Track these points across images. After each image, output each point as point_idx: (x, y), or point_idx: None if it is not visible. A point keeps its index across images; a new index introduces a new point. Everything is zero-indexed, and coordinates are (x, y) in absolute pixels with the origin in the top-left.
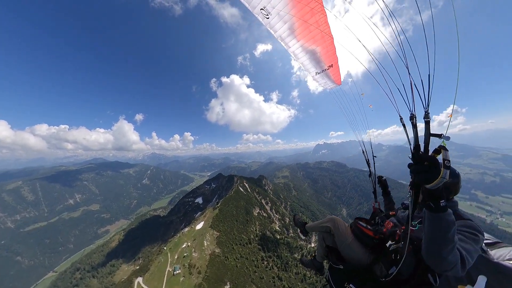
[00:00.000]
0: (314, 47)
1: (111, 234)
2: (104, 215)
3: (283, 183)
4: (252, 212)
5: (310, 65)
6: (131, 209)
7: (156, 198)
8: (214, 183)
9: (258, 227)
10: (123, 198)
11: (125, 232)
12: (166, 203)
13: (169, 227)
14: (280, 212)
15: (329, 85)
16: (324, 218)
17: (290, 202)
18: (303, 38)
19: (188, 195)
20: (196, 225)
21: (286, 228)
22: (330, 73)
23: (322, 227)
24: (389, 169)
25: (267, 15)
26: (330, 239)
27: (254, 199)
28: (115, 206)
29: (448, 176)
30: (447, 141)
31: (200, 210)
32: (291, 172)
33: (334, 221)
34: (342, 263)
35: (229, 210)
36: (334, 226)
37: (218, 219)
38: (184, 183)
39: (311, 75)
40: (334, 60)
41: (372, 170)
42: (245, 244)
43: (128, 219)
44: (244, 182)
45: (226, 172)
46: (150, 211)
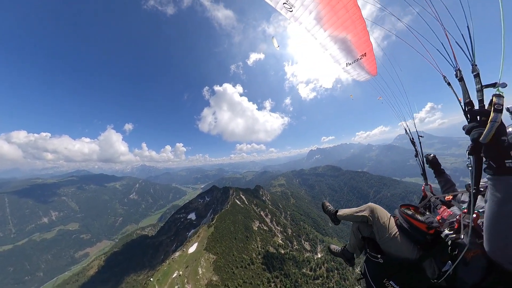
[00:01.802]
0: (344, 34)
1: (90, 259)
2: (84, 236)
3: (280, 192)
4: (252, 227)
5: (340, 56)
6: (115, 228)
7: (144, 215)
8: (208, 196)
9: (260, 243)
10: (107, 216)
11: (106, 256)
12: (156, 220)
13: (158, 249)
14: (281, 223)
15: (362, 76)
16: (361, 206)
17: (290, 211)
18: (331, 26)
19: (180, 211)
20: (189, 247)
21: (290, 240)
22: (364, 63)
23: (357, 217)
24: (381, 168)
25: (290, 8)
26: (368, 230)
27: (253, 212)
28: (97, 224)
29: (500, 120)
30: (502, 89)
31: (193, 227)
32: (287, 180)
33: (373, 210)
34: (381, 255)
35: (226, 227)
36: (373, 216)
37: (213, 239)
38: (176, 197)
39: (341, 67)
40: (367, 48)
41: (418, 149)
42: (247, 266)
43: (112, 240)
44: (240, 194)
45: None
46: (137, 230)
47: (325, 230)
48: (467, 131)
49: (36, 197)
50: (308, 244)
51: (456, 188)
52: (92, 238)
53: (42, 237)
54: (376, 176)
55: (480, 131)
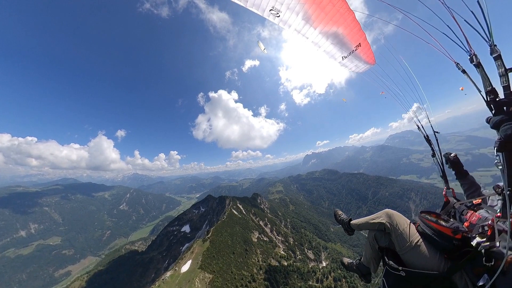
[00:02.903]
0: (335, 28)
1: (72, 278)
2: (66, 252)
3: (278, 199)
4: (251, 239)
5: (334, 50)
6: (102, 242)
7: (135, 227)
8: (203, 206)
9: (261, 256)
10: (94, 229)
11: (89, 276)
12: (147, 232)
13: (148, 266)
14: (282, 232)
15: (361, 67)
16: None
17: (289, 219)
18: (321, 23)
19: (173, 223)
20: (182, 266)
21: (292, 250)
22: (360, 53)
23: (373, 224)
24: (377, 168)
25: (277, 13)
26: (385, 239)
27: (251, 222)
28: (82, 239)
29: None
30: None
31: (187, 241)
32: (284, 186)
33: (390, 216)
34: (403, 268)
35: (223, 240)
36: (391, 223)
37: (209, 255)
38: (170, 208)
39: (338, 62)
40: (361, 38)
41: (435, 148)
42: (248, 284)
43: (98, 256)
44: (237, 203)
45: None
46: (126, 245)
47: (327, 235)
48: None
49: (14, 207)
50: (312, 253)
51: (482, 191)
52: (76, 254)
53: (18, 253)
54: (373, 176)
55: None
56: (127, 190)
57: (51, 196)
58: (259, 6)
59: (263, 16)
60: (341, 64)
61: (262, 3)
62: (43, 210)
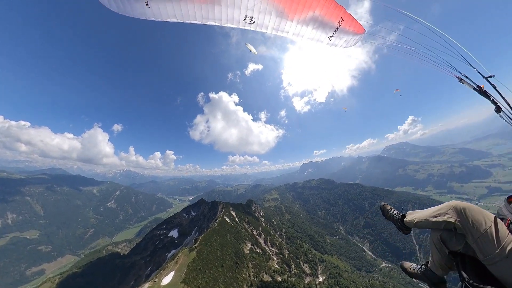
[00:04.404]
0: (312, 13)
1: (44, 278)
2: (43, 247)
3: (274, 207)
4: (243, 250)
5: (318, 34)
6: (84, 240)
7: (121, 227)
8: (195, 210)
9: (252, 271)
10: (76, 225)
11: (61, 278)
12: (134, 234)
13: (128, 272)
14: (277, 243)
15: (352, 40)
16: (438, 205)
17: (284, 228)
18: (295, 14)
19: (160, 226)
20: (162, 277)
21: (287, 264)
22: (346, 26)
23: (436, 223)
24: (373, 179)
25: (251, 20)
26: (458, 241)
27: (244, 231)
28: (62, 235)
29: None
30: None
31: (174, 248)
32: (280, 194)
33: (461, 212)
34: (491, 282)
35: (212, 251)
36: (463, 221)
37: (195, 267)
38: (160, 209)
39: (325, 44)
40: (340, 12)
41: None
42: None
43: (77, 255)
44: (230, 210)
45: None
46: (108, 246)
47: (323, 247)
48: None
49: None
50: (308, 266)
51: None
52: (53, 251)
53: None
54: (369, 187)
55: None
56: (117, 187)
57: (36, 185)
58: (233, 20)
59: (239, 27)
60: (330, 45)
61: (234, 16)
62: (25, 200)
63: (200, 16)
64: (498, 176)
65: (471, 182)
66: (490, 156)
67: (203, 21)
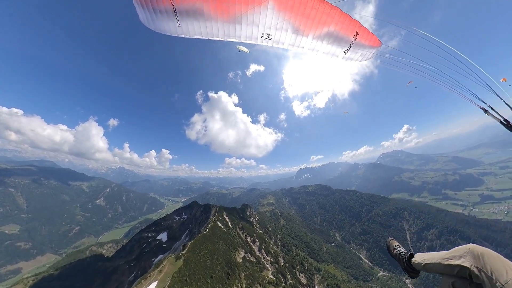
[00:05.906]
0: (326, 29)
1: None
2: (22, 244)
3: (269, 212)
4: (235, 259)
5: (333, 48)
6: (68, 238)
7: (108, 227)
8: (186, 213)
9: (245, 282)
10: (61, 222)
11: (36, 279)
12: (121, 234)
13: (110, 277)
14: (272, 251)
15: (369, 54)
16: (453, 248)
17: (280, 234)
18: (311, 30)
19: (149, 228)
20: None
21: (282, 274)
22: (361, 40)
23: (450, 267)
24: (369, 186)
25: (268, 37)
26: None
27: (237, 238)
28: (45, 231)
29: None
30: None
31: (162, 252)
32: (276, 199)
33: (479, 257)
34: None
35: (201, 259)
36: (480, 267)
37: (181, 278)
38: (152, 210)
39: (341, 58)
40: (355, 26)
41: None
42: None
43: (59, 254)
44: (223, 215)
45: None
46: (93, 246)
47: (319, 255)
48: None
49: None
50: (304, 276)
51: None
52: (33, 249)
53: None
54: (366, 194)
55: None
56: (108, 184)
57: (22, 176)
58: (251, 37)
59: (256, 43)
60: (345, 59)
61: (253, 34)
62: (8, 191)
63: (222, 34)
64: (490, 184)
65: (465, 190)
66: (482, 165)
67: (224, 38)
